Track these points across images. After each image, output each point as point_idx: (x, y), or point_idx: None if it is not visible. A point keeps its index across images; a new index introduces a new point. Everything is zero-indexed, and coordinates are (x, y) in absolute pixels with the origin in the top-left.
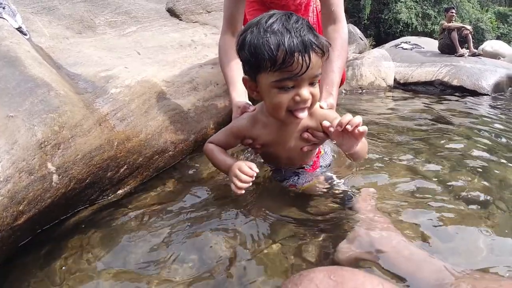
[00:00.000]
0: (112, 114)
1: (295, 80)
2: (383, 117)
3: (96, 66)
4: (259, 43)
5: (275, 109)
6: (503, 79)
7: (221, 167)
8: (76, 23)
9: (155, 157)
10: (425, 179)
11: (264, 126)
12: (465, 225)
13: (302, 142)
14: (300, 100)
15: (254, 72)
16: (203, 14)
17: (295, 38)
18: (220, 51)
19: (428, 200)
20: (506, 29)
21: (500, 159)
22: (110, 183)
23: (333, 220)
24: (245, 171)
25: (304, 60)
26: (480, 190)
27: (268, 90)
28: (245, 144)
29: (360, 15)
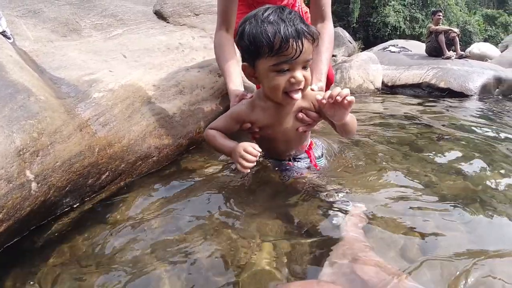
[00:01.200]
0: (94, 119)
1: (290, 64)
2: (371, 120)
3: (80, 70)
4: (258, 32)
5: (273, 91)
6: (490, 81)
7: (224, 150)
8: (61, 26)
9: (138, 163)
10: (410, 181)
11: (262, 110)
12: (446, 230)
13: (297, 123)
14: (295, 81)
15: (253, 59)
16: (191, 17)
17: (289, 27)
18: (216, 46)
19: (412, 203)
20: (494, 31)
21: (485, 162)
22: (91, 190)
23: (321, 232)
24: (250, 151)
25: (298, 45)
26: (463, 193)
27: (266, 74)
28: (244, 128)
29: (349, 18)
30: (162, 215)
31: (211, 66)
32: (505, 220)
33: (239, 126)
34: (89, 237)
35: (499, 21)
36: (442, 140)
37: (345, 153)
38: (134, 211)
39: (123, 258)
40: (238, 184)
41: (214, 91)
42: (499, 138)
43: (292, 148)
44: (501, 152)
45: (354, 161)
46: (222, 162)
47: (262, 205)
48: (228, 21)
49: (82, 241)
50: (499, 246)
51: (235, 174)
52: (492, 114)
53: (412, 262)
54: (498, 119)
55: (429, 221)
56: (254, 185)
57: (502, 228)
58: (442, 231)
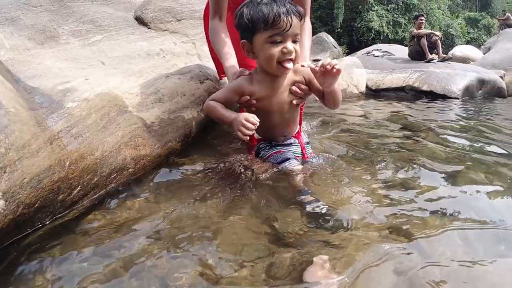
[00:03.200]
0: (66, 131)
1: (282, 36)
2: (356, 124)
3: (55, 78)
4: (255, 11)
5: (268, 61)
6: (473, 83)
7: (224, 120)
8: (38, 33)
9: (112, 176)
10: (394, 186)
11: (259, 82)
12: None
13: (291, 96)
14: (287, 51)
15: (251, 35)
16: (173, 22)
17: (280, 6)
18: (211, 32)
19: (395, 208)
20: (476, 33)
21: (468, 164)
22: (63, 206)
23: (304, 244)
24: (250, 120)
25: (288, 20)
26: (447, 197)
27: (262, 46)
28: (243, 101)
29: (334, 23)
30: (130, 235)
31: (192, 72)
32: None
33: (238, 98)
34: (62, 253)
35: (482, 23)
36: (424, 144)
37: (329, 159)
38: (107, 226)
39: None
40: (220, 195)
41: (195, 98)
42: (479, 140)
43: (286, 123)
44: (481, 153)
45: (336, 168)
46: (203, 172)
47: (244, 216)
48: (221, 11)
49: (54, 261)
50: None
51: (218, 180)
52: (474, 116)
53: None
54: (480, 121)
55: (410, 227)
56: (238, 191)
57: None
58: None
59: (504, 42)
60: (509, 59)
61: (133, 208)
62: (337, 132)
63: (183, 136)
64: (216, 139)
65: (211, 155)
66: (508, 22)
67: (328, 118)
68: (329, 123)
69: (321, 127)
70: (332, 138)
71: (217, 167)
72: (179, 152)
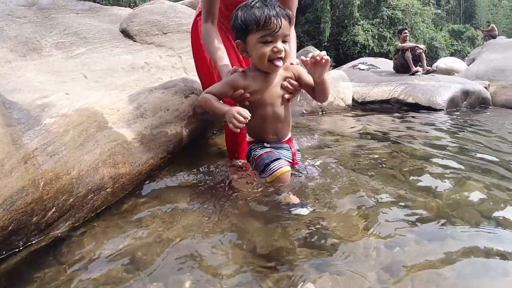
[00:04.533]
0: (41, 149)
1: (272, 36)
2: (342, 138)
3: (35, 92)
4: (248, 14)
5: (260, 59)
6: (458, 94)
7: (218, 112)
8: (21, 45)
9: (89, 196)
10: (381, 200)
11: (252, 78)
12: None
13: (282, 90)
14: (277, 50)
15: (245, 36)
16: (159, 35)
17: (271, 9)
18: (204, 35)
19: (383, 223)
20: (460, 45)
21: (454, 176)
22: (37, 229)
23: (292, 266)
24: (242, 113)
25: (278, 22)
26: (435, 210)
27: (254, 46)
28: (237, 95)
29: (320, 37)
30: (110, 259)
31: (177, 86)
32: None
33: (233, 92)
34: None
35: (466, 35)
36: (410, 157)
37: (317, 172)
38: (86, 249)
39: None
40: (201, 214)
41: (179, 113)
42: (464, 151)
43: (278, 118)
44: (467, 165)
45: (324, 180)
46: (185, 189)
47: (227, 240)
48: (213, 15)
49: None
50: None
51: (199, 198)
52: (458, 127)
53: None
54: (464, 132)
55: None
56: (220, 211)
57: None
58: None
59: (488, 53)
60: (493, 69)
61: (111, 231)
62: (321, 146)
63: (165, 153)
64: (199, 154)
65: (194, 171)
66: (492, 33)
67: (313, 132)
68: (314, 134)
69: (305, 140)
70: (316, 152)
71: (199, 184)
72: (161, 169)
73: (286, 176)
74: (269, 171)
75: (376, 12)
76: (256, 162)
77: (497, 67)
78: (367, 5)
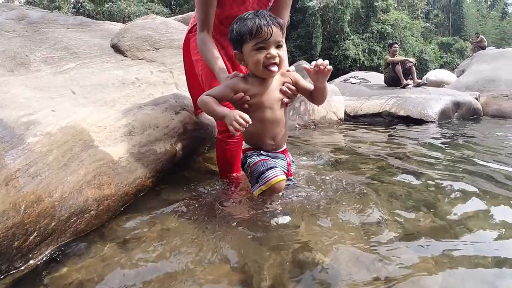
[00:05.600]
0: (23, 170)
1: (265, 43)
2: (334, 152)
3: (20, 109)
4: (241, 25)
5: (256, 66)
6: (449, 106)
7: (218, 114)
8: (8, 60)
9: (72, 219)
10: (374, 218)
11: (252, 82)
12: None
13: (281, 94)
14: (270, 56)
15: (240, 46)
16: (151, 51)
17: (262, 19)
18: (200, 43)
19: (374, 241)
20: (450, 57)
21: (447, 191)
22: (19, 253)
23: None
24: (244, 117)
25: (268, 30)
26: (429, 228)
27: (249, 54)
28: (237, 98)
29: (312, 52)
30: (107, 274)
31: (167, 103)
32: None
33: (233, 95)
34: None
35: (455, 47)
36: (402, 171)
37: (310, 190)
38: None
39: None
40: (192, 239)
41: (169, 130)
42: (458, 164)
43: (276, 122)
44: (462, 178)
45: (318, 198)
46: (175, 211)
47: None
48: (208, 25)
49: None
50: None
51: (191, 221)
52: (452, 140)
53: None
54: (455, 143)
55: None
56: (212, 234)
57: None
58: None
59: (478, 64)
60: (483, 80)
61: (95, 254)
62: (314, 161)
63: (154, 172)
64: (190, 172)
65: (183, 190)
66: (481, 44)
67: (308, 147)
68: (308, 152)
69: (298, 156)
70: (308, 167)
71: (188, 203)
72: (149, 189)
73: (281, 185)
74: (265, 179)
75: (366, 27)
76: (251, 169)
77: (487, 77)
78: (357, 20)
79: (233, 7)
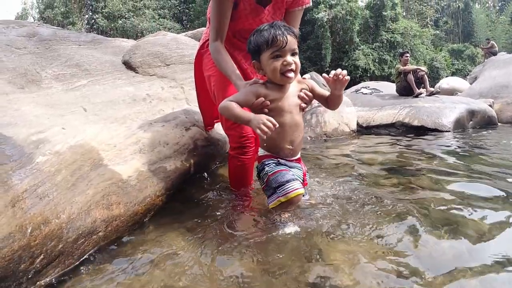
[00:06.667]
0: (31, 191)
1: (281, 51)
2: (348, 164)
3: (31, 127)
4: (258, 37)
5: (273, 73)
6: (463, 115)
7: (243, 118)
8: (19, 77)
9: (80, 241)
10: (389, 236)
11: (271, 88)
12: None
13: (299, 100)
14: (286, 63)
15: (258, 55)
16: (162, 67)
17: (277, 29)
18: (214, 52)
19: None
20: (461, 64)
21: (469, 209)
22: (25, 276)
23: None
24: (272, 121)
25: (284, 39)
26: (448, 248)
27: (267, 62)
28: (257, 104)
29: (322, 63)
30: None
31: (177, 119)
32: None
33: (255, 100)
34: None
35: (466, 53)
36: (419, 185)
37: (325, 207)
38: None
39: None
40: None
41: (179, 147)
42: (475, 176)
43: (295, 126)
44: (481, 190)
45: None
46: (187, 233)
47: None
48: (222, 35)
49: None
50: None
51: (204, 242)
52: (469, 149)
53: None
54: (474, 155)
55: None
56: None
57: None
58: None
59: (490, 70)
60: (496, 86)
61: (101, 277)
62: (327, 177)
63: (164, 189)
64: (201, 189)
65: (194, 209)
66: (492, 50)
67: (319, 162)
68: (320, 166)
69: (311, 170)
70: (323, 182)
71: (198, 223)
72: (160, 207)
73: (299, 198)
74: (284, 191)
75: (375, 37)
76: (268, 178)
77: (500, 83)
78: (367, 30)
79: (248, 19)
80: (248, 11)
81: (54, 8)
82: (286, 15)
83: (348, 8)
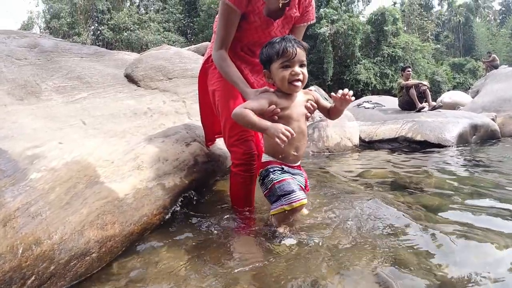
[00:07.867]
0: (23, 209)
1: (290, 62)
2: (351, 180)
3: (27, 141)
4: (270, 48)
5: (282, 82)
6: (466, 129)
7: (261, 126)
8: (18, 89)
9: (72, 263)
10: (395, 258)
11: (280, 97)
12: None
13: (304, 109)
14: (294, 73)
15: (269, 65)
16: (164, 81)
17: (288, 41)
18: (219, 59)
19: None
20: (462, 78)
21: (476, 225)
22: None
23: None
24: (288, 129)
25: (293, 50)
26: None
27: (276, 71)
28: (269, 111)
29: (324, 77)
30: None
31: (178, 134)
32: None
33: (268, 106)
34: None
35: (467, 67)
36: (424, 201)
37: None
38: None
39: None
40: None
41: (179, 163)
42: (480, 191)
43: (301, 133)
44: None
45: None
46: (183, 247)
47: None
48: (227, 44)
49: None
50: None
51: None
52: (473, 164)
53: None
54: (480, 170)
55: None
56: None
57: None
58: None
59: (492, 84)
60: (498, 100)
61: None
62: (328, 193)
63: (162, 208)
64: (200, 206)
65: (193, 227)
66: (494, 63)
67: (320, 177)
68: (322, 181)
69: (312, 186)
70: (325, 198)
71: (199, 244)
72: (156, 226)
73: (302, 208)
74: (289, 200)
75: (377, 51)
76: (273, 186)
77: (502, 97)
78: (368, 45)
79: (258, 32)
80: (258, 23)
81: (60, 18)
82: (291, 29)
83: (349, 23)
